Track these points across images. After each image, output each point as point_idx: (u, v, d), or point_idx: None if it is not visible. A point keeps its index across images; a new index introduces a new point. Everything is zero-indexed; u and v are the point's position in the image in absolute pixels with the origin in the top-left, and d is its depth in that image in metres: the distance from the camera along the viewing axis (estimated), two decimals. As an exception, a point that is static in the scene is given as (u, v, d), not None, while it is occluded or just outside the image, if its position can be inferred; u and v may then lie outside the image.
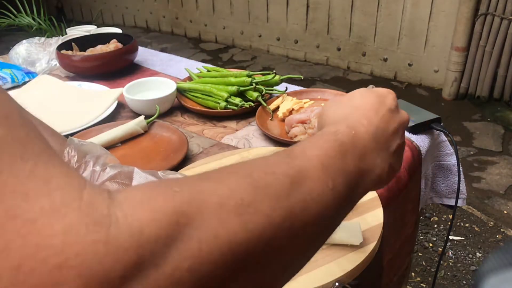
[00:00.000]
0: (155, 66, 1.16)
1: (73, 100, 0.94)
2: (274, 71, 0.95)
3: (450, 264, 1.53)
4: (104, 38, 1.18)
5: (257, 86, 0.89)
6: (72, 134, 0.80)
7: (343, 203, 0.31)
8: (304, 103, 0.88)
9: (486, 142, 2.21)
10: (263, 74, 0.93)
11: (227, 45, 3.65)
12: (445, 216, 1.75)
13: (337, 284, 0.46)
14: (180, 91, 0.94)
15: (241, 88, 0.89)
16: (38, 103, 0.93)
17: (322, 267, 0.48)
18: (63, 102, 0.94)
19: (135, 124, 0.79)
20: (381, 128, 0.37)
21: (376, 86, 0.47)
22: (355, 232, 0.51)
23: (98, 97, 0.92)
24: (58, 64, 1.12)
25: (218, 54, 3.50)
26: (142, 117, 0.81)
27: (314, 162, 0.29)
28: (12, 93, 0.99)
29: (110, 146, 0.77)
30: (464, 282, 1.46)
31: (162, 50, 3.44)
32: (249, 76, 0.90)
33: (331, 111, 0.39)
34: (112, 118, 0.88)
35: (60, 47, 1.12)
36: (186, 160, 0.72)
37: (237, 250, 0.21)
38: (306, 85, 1.02)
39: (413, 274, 1.49)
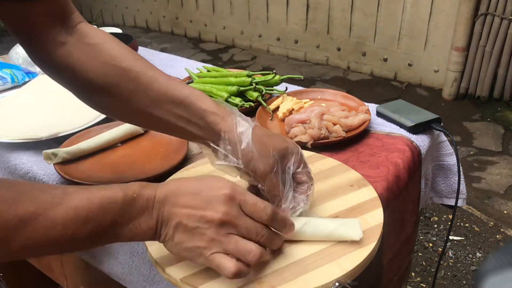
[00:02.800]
0: (155, 66, 1.16)
1: (73, 100, 0.94)
2: (274, 71, 0.95)
3: (450, 264, 1.53)
4: (104, 38, 1.18)
5: (257, 86, 0.89)
6: (72, 134, 0.80)
7: (83, 241, 0.42)
8: (304, 103, 0.89)
9: (486, 142, 2.22)
10: (263, 74, 0.93)
11: (227, 45, 3.65)
12: (445, 216, 1.75)
13: (337, 284, 0.46)
14: (180, 91, 0.94)
15: (241, 88, 0.89)
16: (38, 103, 0.93)
17: (322, 267, 0.48)
18: (63, 102, 0.94)
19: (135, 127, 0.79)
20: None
21: (376, 86, 0.47)
22: (354, 227, 0.51)
23: None
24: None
25: (218, 54, 3.50)
26: None
27: (68, 213, 0.40)
28: (12, 93, 0.99)
29: (110, 146, 0.77)
30: (464, 282, 1.46)
31: (162, 50, 3.44)
32: (249, 76, 0.90)
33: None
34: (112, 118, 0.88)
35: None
36: (186, 160, 0.72)
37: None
38: (306, 85, 1.02)
39: (413, 274, 1.49)
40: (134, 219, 0.43)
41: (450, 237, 1.64)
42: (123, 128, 0.78)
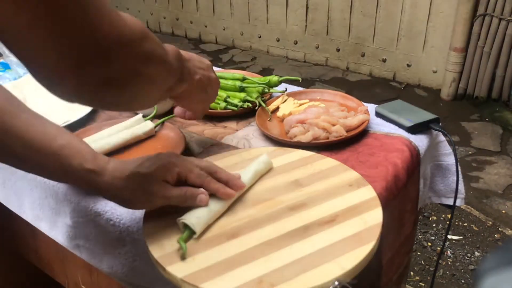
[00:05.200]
0: (155, 67, 1.16)
1: (54, 99, 0.93)
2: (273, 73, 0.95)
3: (449, 263, 1.54)
4: (105, 39, 1.18)
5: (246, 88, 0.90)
6: (68, 127, 0.80)
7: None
8: (303, 104, 0.89)
9: (485, 142, 2.22)
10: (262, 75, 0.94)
11: (227, 46, 3.65)
12: (443, 215, 1.75)
13: (336, 283, 0.47)
14: (180, 92, 0.95)
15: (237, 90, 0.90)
16: (25, 99, 0.93)
17: (321, 266, 0.48)
18: (47, 100, 0.93)
19: (143, 133, 0.79)
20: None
21: (375, 86, 0.48)
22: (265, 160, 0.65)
23: None
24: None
25: (218, 55, 3.51)
26: (151, 123, 0.80)
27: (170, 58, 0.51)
28: (9, 85, 0.99)
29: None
30: (463, 281, 1.47)
31: (162, 50, 3.44)
32: (243, 79, 0.92)
33: None
34: (111, 117, 0.88)
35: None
36: (186, 160, 0.72)
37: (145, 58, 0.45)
38: (305, 86, 1.03)
39: (412, 273, 1.50)
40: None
41: (449, 237, 1.65)
42: (130, 133, 0.78)
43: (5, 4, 0.33)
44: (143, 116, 0.83)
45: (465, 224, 1.71)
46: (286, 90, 0.93)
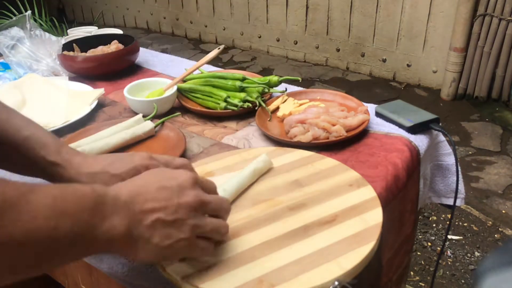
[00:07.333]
0: (155, 67, 1.17)
1: (54, 99, 0.94)
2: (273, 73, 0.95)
3: (449, 263, 1.54)
4: (105, 39, 1.19)
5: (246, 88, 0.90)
6: (58, 129, 0.80)
7: (64, 242, 0.37)
8: (302, 104, 0.89)
9: (485, 142, 2.22)
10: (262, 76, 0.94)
11: (227, 46, 3.65)
12: (443, 215, 1.75)
13: (336, 283, 0.47)
14: (180, 92, 0.95)
15: (237, 91, 0.90)
16: (24, 99, 0.93)
17: (321, 266, 0.48)
18: (47, 100, 0.94)
19: (143, 133, 0.79)
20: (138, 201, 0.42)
21: (375, 86, 0.48)
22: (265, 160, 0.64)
23: (80, 97, 0.93)
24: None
25: (218, 55, 3.50)
26: (151, 123, 0.81)
27: (47, 201, 0.36)
28: (9, 85, 0.99)
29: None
30: (463, 281, 1.47)
31: (163, 51, 3.45)
32: (243, 79, 0.92)
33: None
34: (111, 117, 0.88)
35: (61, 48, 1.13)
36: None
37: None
38: (305, 86, 1.03)
39: (412, 273, 1.50)
40: (108, 218, 0.39)
41: (449, 237, 1.65)
42: (130, 133, 0.78)
43: None
44: (143, 116, 0.83)
45: (465, 224, 1.71)
46: (286, 90, 0.93)
